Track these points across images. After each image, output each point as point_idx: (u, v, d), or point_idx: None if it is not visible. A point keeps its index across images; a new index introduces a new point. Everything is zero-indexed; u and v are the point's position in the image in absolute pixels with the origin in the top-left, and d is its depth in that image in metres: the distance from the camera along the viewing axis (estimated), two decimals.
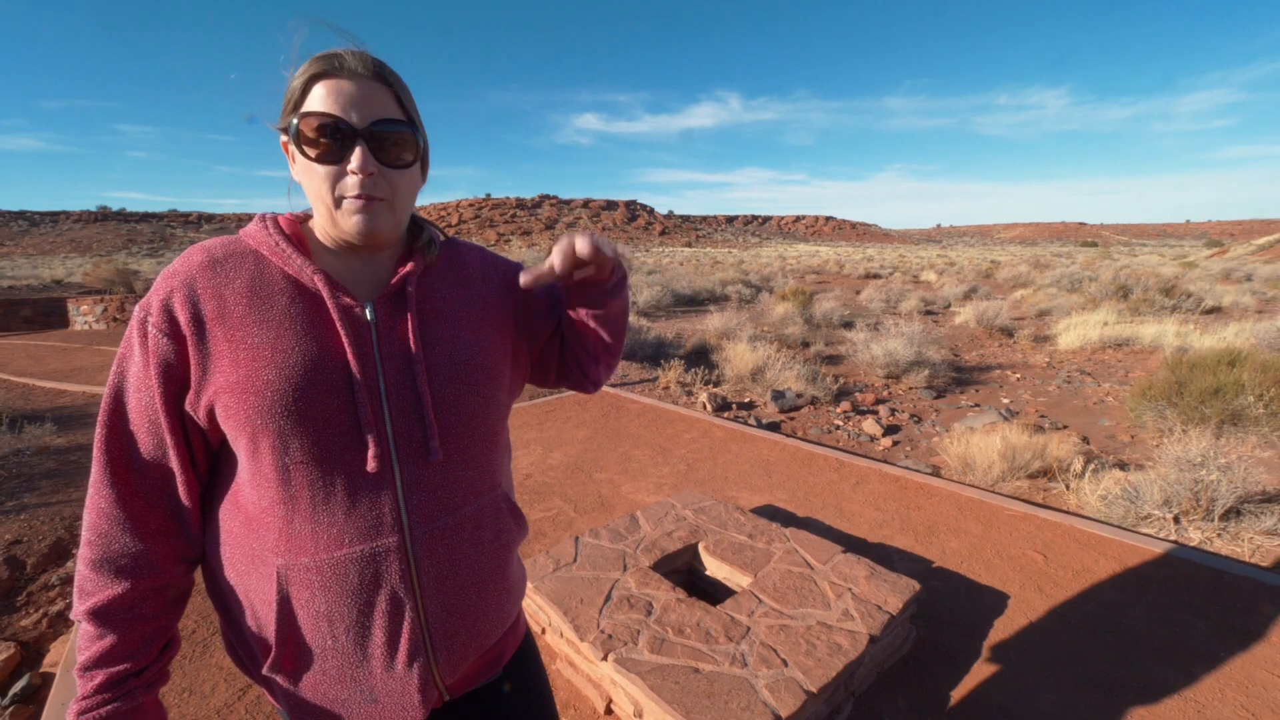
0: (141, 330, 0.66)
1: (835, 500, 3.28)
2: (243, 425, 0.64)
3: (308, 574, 0.66)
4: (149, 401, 0.66)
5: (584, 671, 1.83)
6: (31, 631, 2.33)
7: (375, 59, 0.68)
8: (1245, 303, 12.83)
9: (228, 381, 0.64)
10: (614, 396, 5.47)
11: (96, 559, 0.66)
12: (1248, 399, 4.39)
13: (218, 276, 0.67)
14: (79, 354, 8.13)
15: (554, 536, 2.87)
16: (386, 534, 0.67)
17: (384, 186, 0.67)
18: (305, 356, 0.65)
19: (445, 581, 0.71)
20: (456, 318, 0.76)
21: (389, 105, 0.67)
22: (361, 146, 0.65)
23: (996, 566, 2.59)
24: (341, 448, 0.66)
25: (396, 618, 0.68)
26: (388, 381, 0.69)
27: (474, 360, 0.74)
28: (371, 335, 0.69)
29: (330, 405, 0.65)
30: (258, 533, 0.67)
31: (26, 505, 3.32)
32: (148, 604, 0.68)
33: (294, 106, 0.66)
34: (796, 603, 1.88)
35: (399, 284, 0.72)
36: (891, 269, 27.07)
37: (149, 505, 0.68)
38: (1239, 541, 2.97)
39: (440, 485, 0.71)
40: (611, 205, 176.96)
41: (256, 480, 0.66)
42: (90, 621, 0.66)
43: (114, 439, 0.67)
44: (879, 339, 7.22)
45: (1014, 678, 1.93)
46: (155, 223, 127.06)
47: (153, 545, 0.68)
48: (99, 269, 15.43)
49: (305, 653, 0.69)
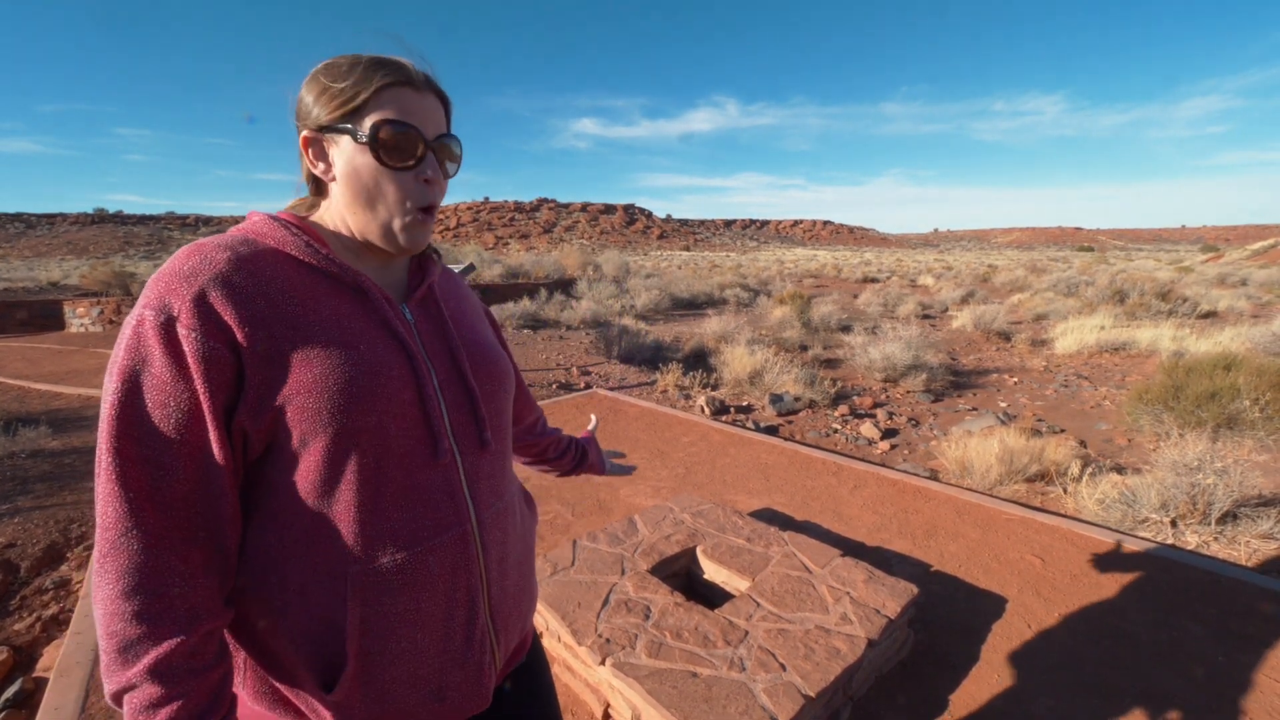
0: (166, 336, 0.57)
1: (833, 504, 3.27)
2: (324, 426, 0.61)
3: (387, 573, 0.64)
4: (184, 416, 0.58)
5: (581, 676, 1.82)
6: (25, 636, 2.31)
7: (435, 78, 0.71)
8: (1240, 307, 12.90)
9: (303, 382, 0.60)
10: (612, 399, 5.47)
11: (140, 611, 0.57)
12: (1244, 403, 4.40)
13: (256, 275, 0.62)
14: (75, 356, 8.09)
15: (551, 540, 2.86)
16: (461, 522, 0.70)
17: (440, 195, 0.72)
18: (374, 353, 0.65)
19: (502, 564, 0.76)
20: (471, 321, 0.83)
21: (444, 120, 0.72)
22: (433, 159, 0.69)
23: (994, 570, 2.59)
24: (414, 442, 0.67)
25: (472, 604, 0.71)
26: (439, 377, 0.72)
27: (499, 358, 0.81)
28: (415, 335, 0.72)
29: (404, 399, 0.66)
30: (324, 542, 0.63)
31: (20, 509, 3.29)
32: (206, 651, 0.60)
33: (358, 109, 0.65)
34: (795, 607, 1.87)
35: (428, 288, 0.77)
36: (889, 273, 27.14)
37: (188, 540, 0.60)
38: (1236, 545, 2.98)
39: (490, 473, 0.75)
40: (610, 209, 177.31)
41: (332, 484, 0.62)
42: (153, 682, 0.56)
43: (131, 467, 0.57)
44: (877, 343, 7.23)
45: (1013, 682, 1.92)
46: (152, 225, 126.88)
47: (202, 584, 0.60)
48: (96, 271, 15.36)
49: (378, 662, 0.65)
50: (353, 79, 0.65)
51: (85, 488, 3.64)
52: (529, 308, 11.01)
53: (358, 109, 0.65)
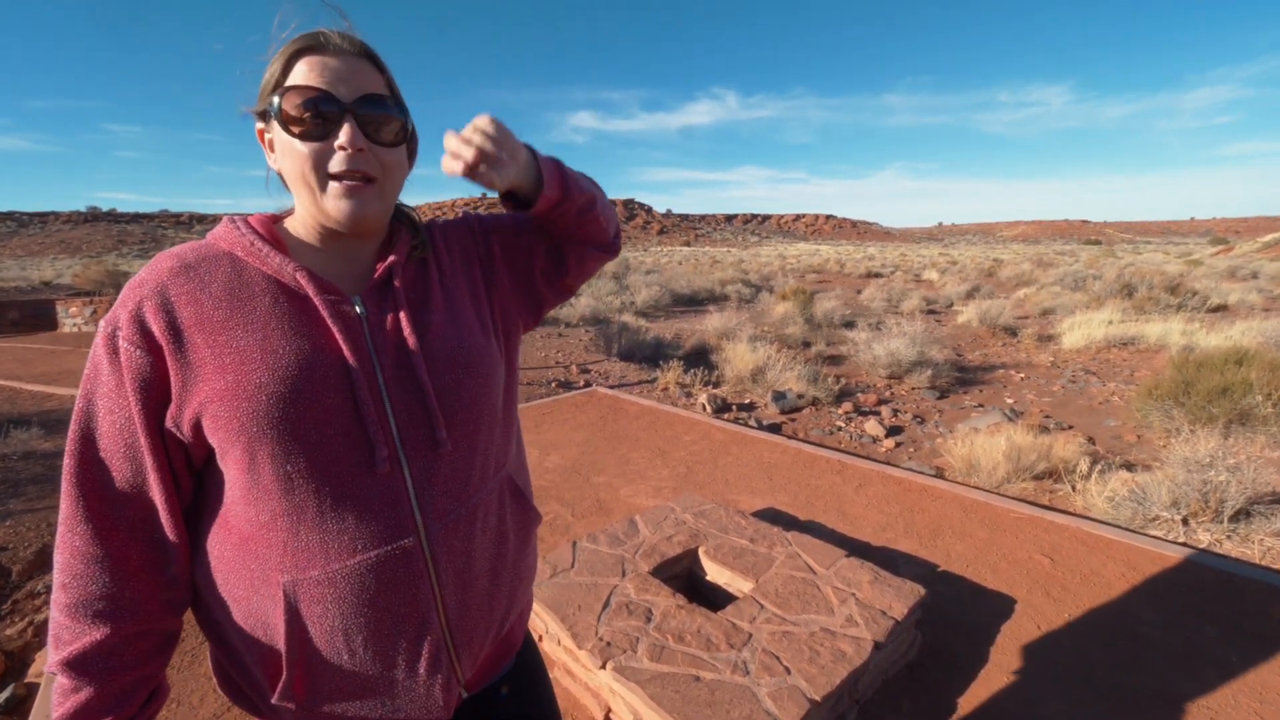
0: (110, 346, 0.61)
1: (838, 503, 3.24)
2: (237, 434, 0.60)
3: (319, 587, 0.62)
4: (124, 424, 0.61)
5: (582, 680, 1.80)
6: (16, 641, 2.28)
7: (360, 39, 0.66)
8: (1251, 301, 12.75)
9: (215, 389, 0.60)
10: (612, 398, 5.44)
11: (72, 603, 0.61)
12: (1256, 398, 4.34)
13: (191, 282, 0.63)
14: (67, 356, 8.08)
15: (551, 542, 2.83)
16: (402, 534, 0.65)
17: (374, 164, 0.65)
18: (297, 355, 0.62)
19: (462, 575, 0.70)
20: (441, 302, 0.75)
21: (377, 82, 0.66)
22: (350, 122, 0.63)
23: (1003, 570, 2.55)
24: (346, 448, 0.62)
25: (419, 621, 0.66)
26: (386, 375, 0.66)
27: (467, 343, 0.73)
28: (363, 329, 0.67)
29: (329, 404, 0.62)
30: (256, 552, 0.63)
31: (12, 511, 3.26)
32: (129, 651, 0.63)
33: (274, 85, 0.64)
34: (799, 609, 1.84)
35: (384, 275, 0.71)
36: (893, 268, 27.01)
37: (128, 540, 0.63)
38: (1249, 543, 2.93)
39: (449, 476, 0.69)
40: None
41: (254, 494, 0.62)
42: (65, 673, 0.61)
43: (86, 469, 0.62)
44: (881, 339, 7.17)
45: (1022, 685, 1.89)
46: (146, 223, 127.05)
47: (134, 585, 0.63)
48: (88, 270, 15.35)
49: (320, 673, 0.65)
50: (274, 58, 0.65)
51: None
52: None
53: (275, 86, 0.64)
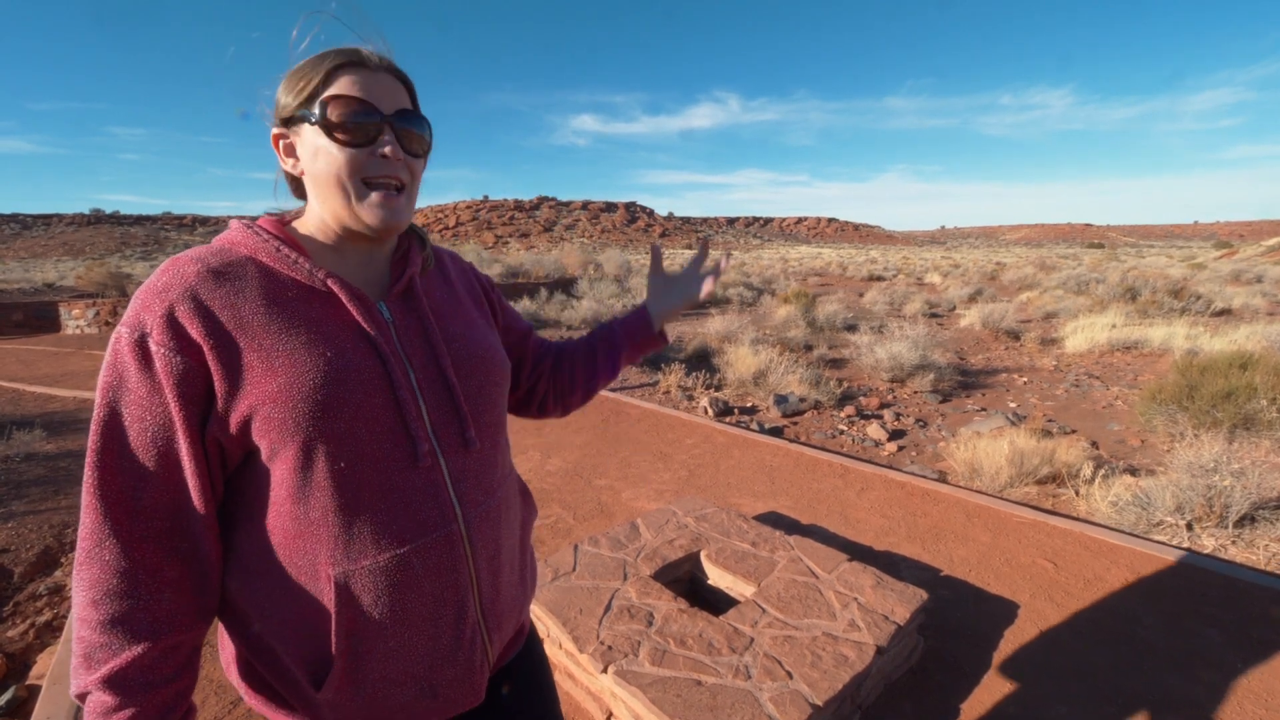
0: (139, 351, 0.60)
1: (840, 507, 3.23)
2: (291, 434, 0.61)
3: (372, 576, 0.65)
4: (158, 430, 0.60)
5: (583, 684, 1.79)
6: (18, 643, 2.28)
7: (391, 59, 0.71)
8: (1256, 305, 12.70)
9: (267, 391, 0.61)
10: (614, 401, 5.44)
11: (105, 620, 0.59)
12: (1261, 402, 4.32)
13: (223, 286, 0.63)
14: (70, 358, 8.12)
15: (552, 544, 2.83)
16: (446, 522, 0.69)
17: (405, 173, 0.70)
18: (342, 358, 0.65)
19: (493, 563, 0.75)
20: (458, 310, 0.81)
21: (406, 98, 0.72)
22: (390, 132, 0.68)
23: (1006, 575, 2.54)
24: (392, 446, 0.66)
25: (461, 603, 0.71)
26: (418, 376, 0.70)
27: (488, 350, 0.79)
28: (392, 333, 0.70)
29: (375, 404, 0.65)
30: (304, 548, 0.64)
31: (15, 513, 3.27)
32: (166, 665, 0.62)
33: (312, 94, 0.67)
34: (801, 613, 1.84)
35: (407, 282, 0.75)
36: (895, 271, 26.99)
37: (162, 553, 0.62)
38: (1254, 549, 2.91)
39: (478, 472, 0.74)
40: (611, 207, 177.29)
41: (305, 492, 0.63)
42: (106, 691, 0.59)
43: (112, 480, 0.60)
44: (883, 342, 7.17)
45: (1025, 690, 1.88)
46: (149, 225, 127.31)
47: (170, 597, 0.62)
48: (91, 272, 15.33)
49: (367, 661, 0.66)
50: (308, 68, 0.68)
51: (80, 491, 3.64)
52: (529, 307, 11.02)
53: (312, 94, 0.67)
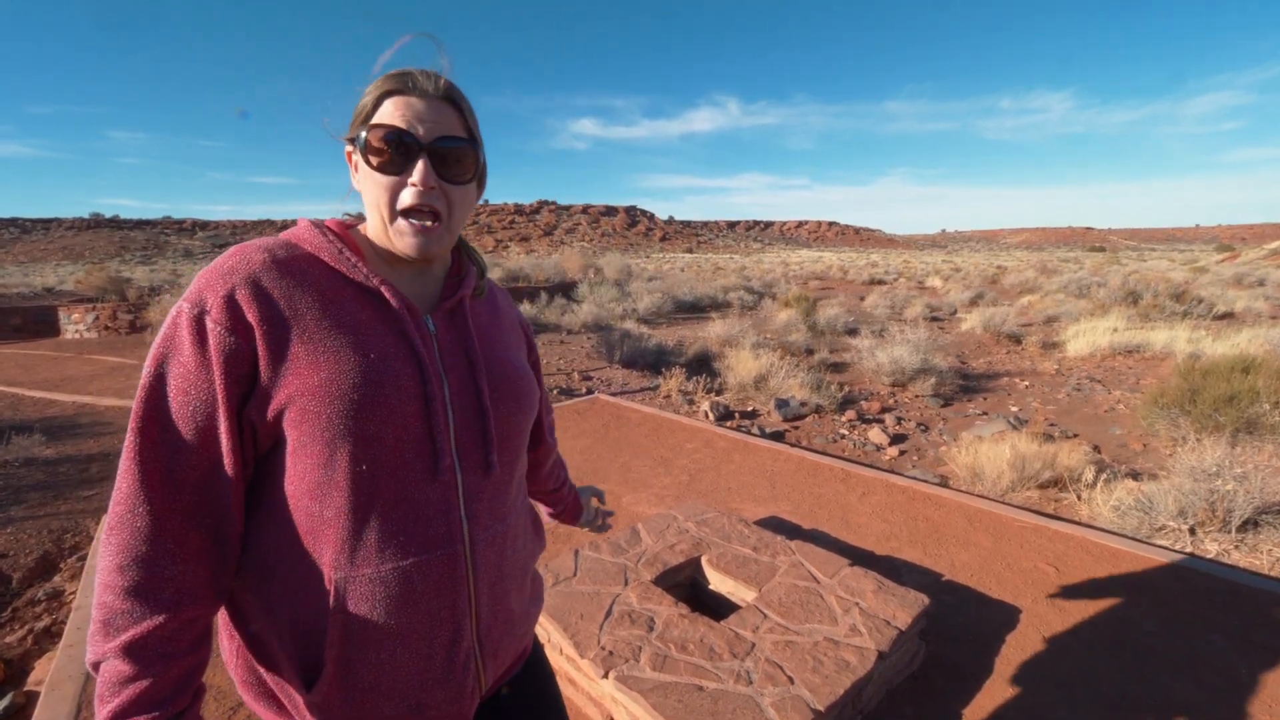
0: (196, 327, 0.61)
1: (841, 511, 3.22)
2: (322, 429, 0.62)
3: (370, 585, 0.65)
4: (201, 405, 0.61)
5: (584, 689, 1.79)
6: (16, 649, 2.27)
7: (447, 80, 0.71)
8: (1258, 308, 12.69)
9: (308, 384, 0.62)
10: (614, 405, 5.44)
11: (130, 586, 0.59)
12: (1263, 406, 4.31)
13: (285, 277, 0.65)
14: (70, 363, 8.10)
15: (553, 549, 2.83)
16: (452, 542, 0.69)
17: (441, 200, 0.70)
18: (384, 363, 0.65)
19: (494, 589, 0.74)
20: (500, 339, 0.82)
21: (454, 124, 0.70)
22: (424, 160, 0.68)
23: (1007, 580, 2.53)
24: (415, 455, 0.67)
25: (456, 625, 0.70)
26: (451, 392, 0.71)
27: (524, 380, 0.80)
28: (434, 346, 0.71)
29: (408, 411, 0.66)
30: (313, 547, 0.64)
31: (13, 518, 3.27)
32: (184, 638, 0.62)
33: (364, 119, 0.69)
34: (803, 618, 1.83)
35: (457, 301, 0.76)
36: (896, 274, 27.00)
37: (189, 524, 0.62)
38: (1258, 553, 2.90)
39: (493, 496, 0.74)
40: (611, 211, 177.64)
41: (324, 489, 0.63)
42: (124, 659, 0.58)
43: (151, 448, 0.60)
44: (884, 346, 7.17)
45: (1027, 695, 1.87)
46: (149, 230, 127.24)
47: (194, 569, 0.62)
48: (91, 276, 15.22)
49: (356, 671, 0.66)
50: (368, 91, 0.70)
51: (80, 496, 3.63)
52: (529, 312, 11.04)
53: (364, 119, 0.69)
